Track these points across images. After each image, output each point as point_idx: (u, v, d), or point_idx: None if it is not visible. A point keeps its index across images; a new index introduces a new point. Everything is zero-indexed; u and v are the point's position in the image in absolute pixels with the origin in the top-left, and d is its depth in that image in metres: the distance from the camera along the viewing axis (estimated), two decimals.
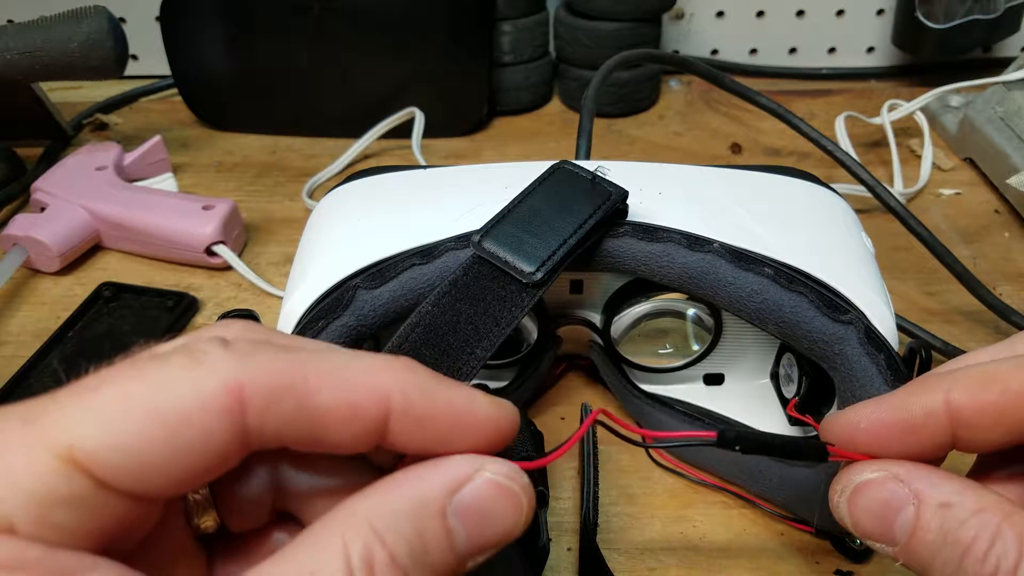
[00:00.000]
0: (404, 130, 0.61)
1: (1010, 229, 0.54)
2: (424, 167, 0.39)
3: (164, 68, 0.66)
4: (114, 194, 0.52)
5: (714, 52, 0.77)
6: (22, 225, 0.50)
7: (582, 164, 0.33)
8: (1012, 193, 0.55)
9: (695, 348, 0.38)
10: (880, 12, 0.74)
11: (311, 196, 0.57)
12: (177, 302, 0.47)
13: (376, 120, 0.61)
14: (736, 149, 0.64)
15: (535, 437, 0.34)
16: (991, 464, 0.23)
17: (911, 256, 0.49)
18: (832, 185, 0.38)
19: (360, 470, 0.21)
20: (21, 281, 0.50)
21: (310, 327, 0.31)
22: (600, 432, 0.38)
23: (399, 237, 0.33)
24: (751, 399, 0.38)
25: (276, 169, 0.62)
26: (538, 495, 0.32)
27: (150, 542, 0.19)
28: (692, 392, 0.39)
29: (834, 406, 0.33)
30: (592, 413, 0.23)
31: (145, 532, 0.18)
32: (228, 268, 0.51)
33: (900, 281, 0.49)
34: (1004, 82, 0.58)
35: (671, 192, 0.35)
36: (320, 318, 0.31)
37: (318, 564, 0.17)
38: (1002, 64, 0.64)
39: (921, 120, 0.61)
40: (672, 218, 0.33)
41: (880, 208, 0.47)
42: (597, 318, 0.38)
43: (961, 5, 0.65)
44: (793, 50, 0.76)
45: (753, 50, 0.77)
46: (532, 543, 0.32)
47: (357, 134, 0.61)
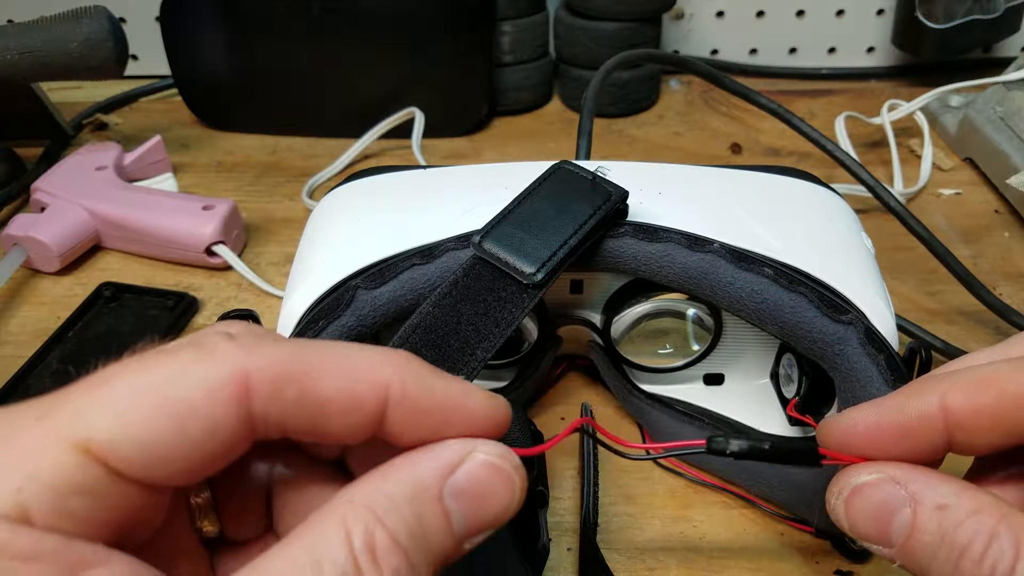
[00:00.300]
0: (404, 130, 0.61)
1: (1010, 229, 0.54)
2: (424, 167, 0.39)
3: (164, 68, 0.66)
4: (114, 194, 0.52)
5: (714, 52, 0.77)
6: (22, 225, 0.50)
7: (582, 164, 0.33)
8: (1012, 193, 0.55)
9: (695, 348, 0.38)
10: (880, 12, 0.74)
11: (311, 196, 0.57)
12: (177, 302, 0.47)
13: (376, 120, 0.61)
14: (736, 149, 0.64)
15: (535, 437, 0.34)
16: (988, 466, 0.23)
17: (911, 256, 0.49)
18: (832, 185, 0.38)
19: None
20: (21, 281, 0.50)
21: (310, 327, 0.31)
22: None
23: (399, 237, 0.33)
24: (751, 399, 0.38)
25: (276, 169, 0.62)
26: (538, 495, 0.33)
27: (157, 540, 0.19)
28: (692, 392, 0.39)
29: (834, 406, 0.33)
30: (575, 421, 0.23)
31: (153, 528, 0.19)
32: (228, 268, 0.51)
33: (900, 281, 0.49)
34: (1004, 82, 0.58)
35: (671, 192, 0.35)
36: (320, 318, 0.31)
37: (321, 549, 0.17)
38: (1002, 64, 0.64)
39: (921, 120, 0.61)
40: (672, 218, 0.33)
41: (880, 208, 0.47)
42: (597, 318, 0.38)
43: (961, 5, 0.65)
44: (793, 50, 0.76)
45: (753, 50, 0.77)
46: (532, 543, 0.32)
47: (357, 134, 0.61)
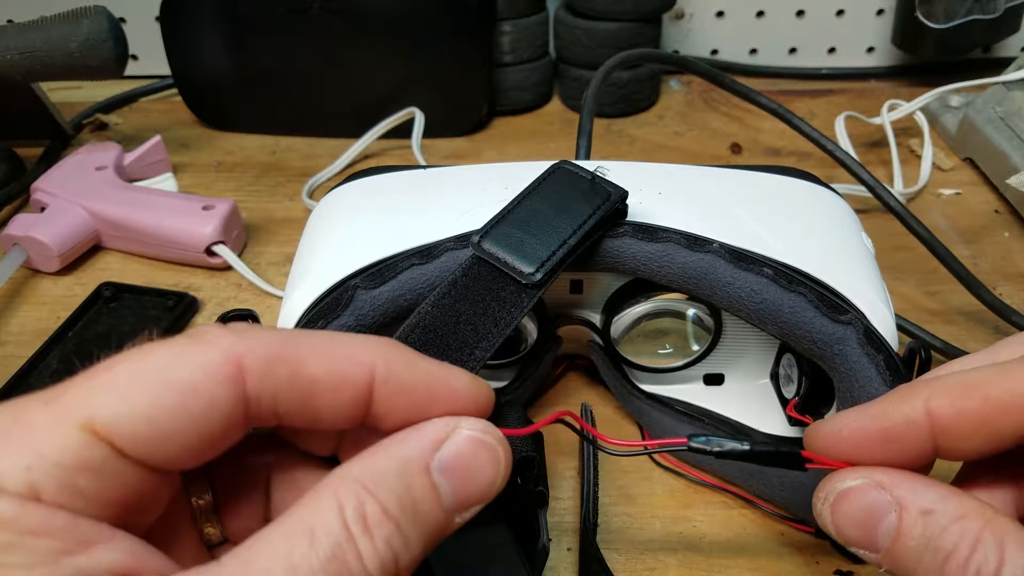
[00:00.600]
0: (404, 130, 0.61)
1: (1010, 229, 0.54)
2: (424, 167, 0.39)
3: (164, 68, 0.66)
4: (114, 194, 0.52)
5: (714, 52, 0.77)
6: (22, 225, 0.50)
7: (582, 164, 0.33)
8: (1012, 193, 0.55)
9: (695, 348, 0.38)
10: (880, 12, 0.74)
11: (311, 196, 0.57)
12: (177, 302, 0.47)
13: (376, 120, 0.61)
14: (736, 149, 0.64)
15: (535, 436, 0.34)
16: (976, 471, 0.23)
17: (911, 256, 0.49)
18: (832, 185, 0.38)
19: None
20: (21, 281, 0.50)
21: (309, 327, 0.31)
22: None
23: (399, 237, 0.33)
24: (751, 399, 0.38)
25: (276, 169, 0.62)
26: (538, 495, 0.33)
27: (161, 540, 0.19)
28: (692, 392, 0.39)
29: (834, 407, 0.33)
30: (557, 412, 0.24)
31: (155, 514, 0.20)
32: (228, 268, 0.51)
33: (900, 281, 0.49)
34: (1004, 82, 0.58)
35: (671, 192, 0.35)
36: (320, 318, 0.31)
37: (315, 519, 0.18)
38: (1002, 64, 0.64)
39: (921, 120, 0.61)
40: (672, 218, 0.33)
41: (880, 208, 0.47)
42: (597, 318, 0.38)
43: (961, 5, 0.65)
44: (793, 50, 0.76)
45: (753, 50, 0.76)
46: (532, 543, 0.32)
47: (357, 134, 0.61)
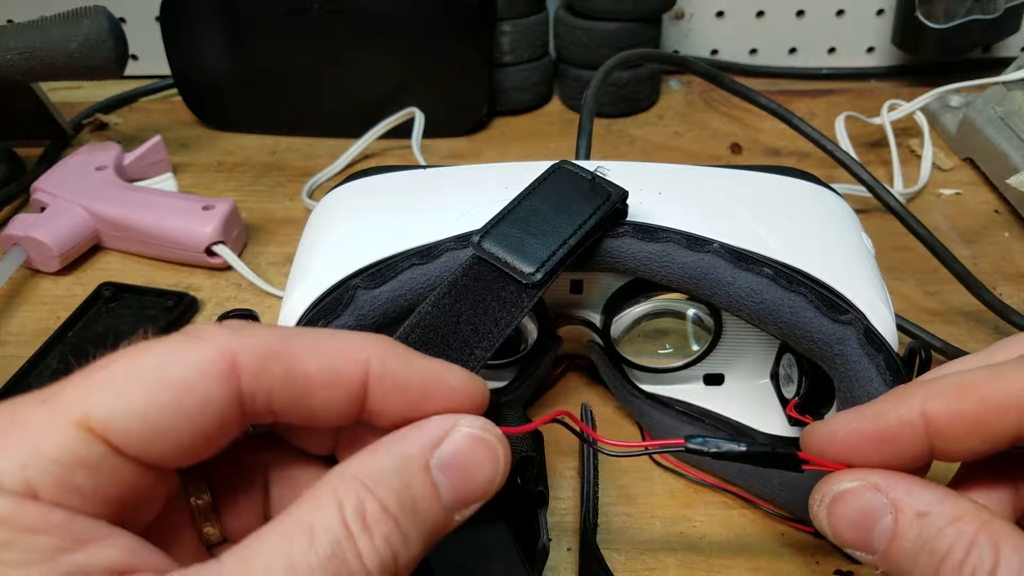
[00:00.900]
0: (404, 130, 0.61)
1: (1010, 229, 0.54)
2: (424, 167, 0.39)
3: (164, 68, 0.66)
4: (114, 194, 0.52)
5: (714, 52, 0.77)
6: (22, 225, 0.50)
7: (582, 164, 0.33)
8: (1012, 193, 0.55)
9: (695, 348, 0.38)
10: (880, 12, 0.74)
11: (311, 196, 0.57)
12: (177, 302, 0.47)
13: (376, 120, 0.61)
14: (736, 149, 0.64)
15: (535, 436, 0.35)
16: (973, 472, 0.23)
17: (911, 256, 0.49)
18: (832, 185, 0.38)
19: None
20: (21, 281, 0.50)
21: (309, 326, 0.31)
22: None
23: (399, 237, 0.33)
24: (751, 399, 0.38)
25: (276, 169, 0.62)
26: (538, 495, 0.33)
27: (160, 540, 0.19)
28: (692, 392, 0.39)
29: (834, 407, 0.33)
30: (555, 412, 0.24)
31: (152, 513, 0.20)
32: (228, 268, 0.51)
33: (900, 281, 0.49)
34: (1004, 82, 0.58)
35: (671, 192, 0.35)
36: (320, 318, 0.31)
37: (314, 517, 0.18)
38: (1002, 64, 0.64)
39: (921, 120, 0.61)
40: (672, 218, 0.33)
41: (880, 208, 0.47)
42: (597, 318, 0.38)
43: (961, 5, 0.65)
44: (793, 50, 0.76)
45: (753, 50, 0.76)
46: (532, 543, 0.32)
47: (357, 134, 0.61)
